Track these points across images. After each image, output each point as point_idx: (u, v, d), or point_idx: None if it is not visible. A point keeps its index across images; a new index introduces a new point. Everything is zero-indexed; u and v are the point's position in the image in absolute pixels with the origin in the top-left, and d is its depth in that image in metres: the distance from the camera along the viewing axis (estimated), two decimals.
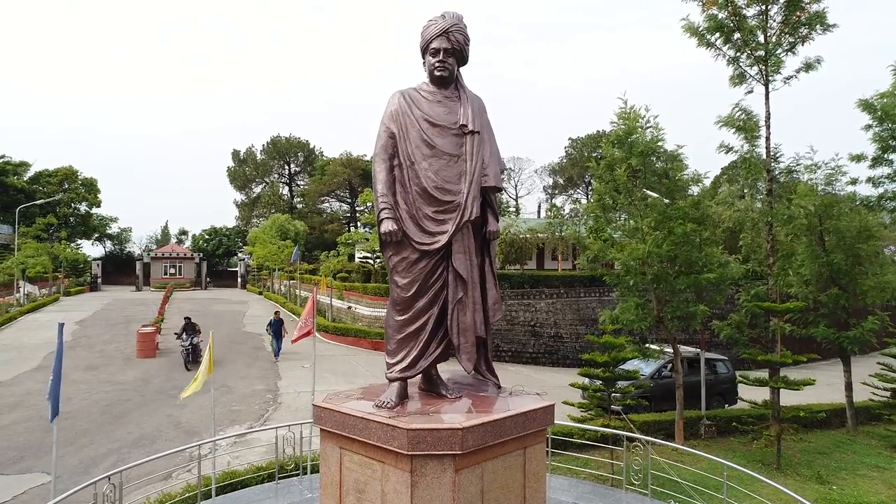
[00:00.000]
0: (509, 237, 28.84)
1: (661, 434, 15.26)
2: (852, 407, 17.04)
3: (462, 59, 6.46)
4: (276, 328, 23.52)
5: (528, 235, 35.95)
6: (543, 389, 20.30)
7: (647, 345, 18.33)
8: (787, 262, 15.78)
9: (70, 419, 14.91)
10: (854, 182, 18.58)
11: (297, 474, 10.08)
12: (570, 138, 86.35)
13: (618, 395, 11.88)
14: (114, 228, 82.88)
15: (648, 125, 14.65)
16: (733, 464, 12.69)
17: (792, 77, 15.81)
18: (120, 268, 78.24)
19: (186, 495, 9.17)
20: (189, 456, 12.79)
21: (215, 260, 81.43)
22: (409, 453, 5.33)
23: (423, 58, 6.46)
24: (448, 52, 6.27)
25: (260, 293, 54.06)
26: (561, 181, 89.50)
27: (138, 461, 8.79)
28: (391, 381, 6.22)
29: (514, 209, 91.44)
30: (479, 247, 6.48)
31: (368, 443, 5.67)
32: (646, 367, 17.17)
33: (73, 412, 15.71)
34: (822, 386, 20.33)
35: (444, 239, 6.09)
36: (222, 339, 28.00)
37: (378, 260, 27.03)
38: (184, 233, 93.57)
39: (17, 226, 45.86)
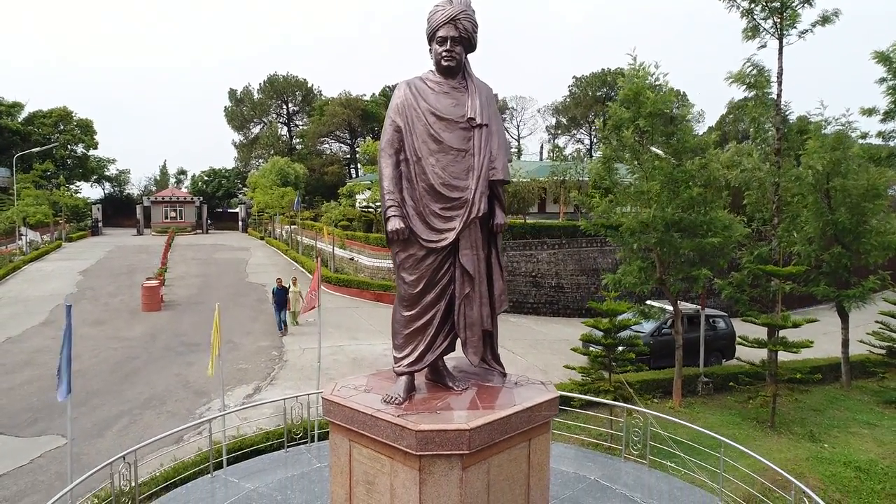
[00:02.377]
0: (511, 188, 28.59)
1: (660, 392, 15.64)
2: (848, 363, 17.33)
3: (470, 46, 6.22)
4: (280, 297, 20.46)
5: (529, 180, 35.48)
6: (544, 342, 20.64)
7: (647, 301, 18.51)
8: (792, 223, 15.69)
9: (81, 378, 15.17)
10: (864, 136, 18.30)
11: (305, 442, 10.35)
12: (574, 77, 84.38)
13: (618, 361, 12.06)
14: (112, 170, 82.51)
15: (658, 82, 14.29)
16: (728, 435, 13.10)
17: (807, 31, 15.30)
18: (120, 210, 78.27)
19: (200, 467, 9.42)
20: (200, 416, 13.12)
21: (215, 202, 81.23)
22: (418, 453, 5.44)
23: (430, 45, 6.23)
24: (455, 40, 6.03)
25: (262, 238, 54.09)
26: (564, 121, 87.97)
27: (152, 438, 9.02)
28: (399, 374, 6.28)
29: (516, 150, 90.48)
30: (486, 238, 6.41)
31: (377, 439, 5.79)
32: (646, 325, 17.36)
33: (84, 370, 15.99)
34: (819, 336, 20.47)
35: (451, 236, 6.03)
36: (226, 290, 28.24)
37: (380, 209, 26.87)
38: (182, 172, 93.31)
39: (14, 170, 45.45)
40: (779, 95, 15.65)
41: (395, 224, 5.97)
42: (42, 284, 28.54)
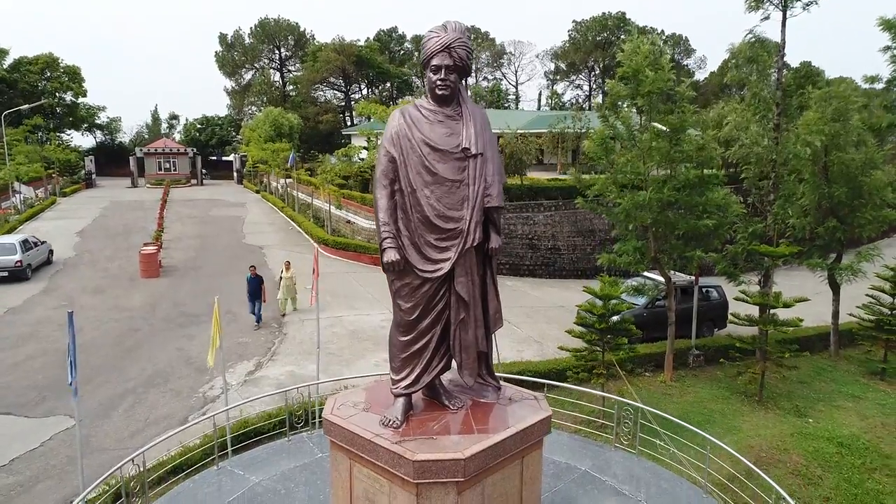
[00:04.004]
0: (509, 148, 28.30)
1: (651, 365, 16.03)
2: (837, 334, 17.71)
3: (464, 72, 6.14)
4: (254, 287, 17.78)
5: (526, 133, 34.75)
6: (540, 310, 20.93)
7: (644, 273, 18.67)
8: (787, 201, 15.71)
9: (84, 353, 15.31)
10: (866, 106, 18.10)
11: (306, 428, 10.65)
12: (573, 21, 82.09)
13: (611, 344, 12.32)
14: (102, 118, 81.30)
15: (657, 60, 14.02)
16: (716, 410, 13.41)
17: (812, 2, 14.93)
18: (113, 159, 77.49)
19: (206, 455, 9.74)
20: (203, 397, 13.47)
21: (209, 150, 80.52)
22: (415, 481, 5.69)
23: (424, 71, 6.14)
24: (450, 68, 5.96)
25: (257, 192, 53.75)
26: (563, 66, 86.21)
27: (158, 440, 9.28)
28: (396, 396, 6.47)
29: (514, 98, 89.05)
30: (481, 261, 6.48)
31: (377, 464, 6.03)
32: (640, 298, 17.55)
33: (86, 344, 16.20)
34: (811, 294, 20.47)
35: (446, 266, 6.11)
36: (223, 253, 28.26)
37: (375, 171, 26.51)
38: (174, 117, 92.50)
39: (2, 124, 44.67)
40: (780, 69, 15.42)
41: (390, 256, 6.06)
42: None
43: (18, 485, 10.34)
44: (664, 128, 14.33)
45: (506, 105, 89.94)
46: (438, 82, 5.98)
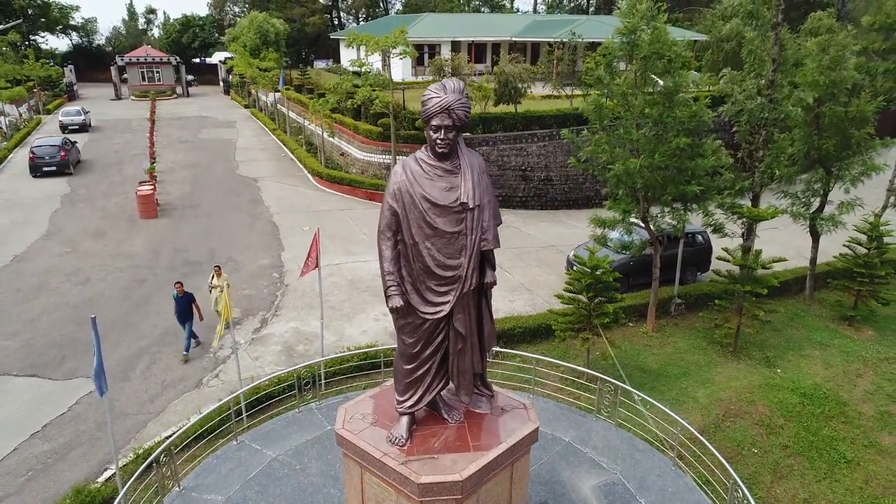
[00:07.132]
0: (503, 77, 27.69)
1: (635, 315, 16.95)
2: (813, 279, 18.57)
3: (463, 129, 6.42)
4: (183, 307, 14.57)
5: (520, 42, 33.22)
6: (531, 252, 21.60)
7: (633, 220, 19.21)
8: (776, 159, 16.00)
9: (95, 307, 16.09)
10: (865, 49, 17.97)
11: (315, 401, 11.58)
12: None
13: (598, 308, 13.11)
14: (77, 19, 78.43)
15: (654, 21, 13.84)
16: (692, 361, 14.34)
17: None
18: (92, 63, 75.40)
19: (225, 433, 10.69)
20: (215, 358, 14.35)
21: (191, 52, 78.19)
22: (420, 499, 6.58)
23: (424, 126, 6.42)
24: (449, 128, 6.24)
25: (246, 107, 52.56)
26: None
27: (181, 429, 10.12)
28: (401, 414, 7.26)
29: None
30: (477, 291, 7.06)
31: (385, 478, 6.90)
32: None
33: (96, 297, 16.89)
34: (794, 227, 20.88)
35: (446, 308, 6.70)
36: (218, 188, 28.20)
37: (374, 102, 25.97)
38: (151, 12, 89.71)
39: None
40: (777, 24, 15.24)
41: (395, 302, 6.62)
42: (34, 182, 28.46)
43: (54, 452, 11.28)
44: (660, 81, 14.36)
45: (501, 4, 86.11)
46: (439, 141, 6.29)
